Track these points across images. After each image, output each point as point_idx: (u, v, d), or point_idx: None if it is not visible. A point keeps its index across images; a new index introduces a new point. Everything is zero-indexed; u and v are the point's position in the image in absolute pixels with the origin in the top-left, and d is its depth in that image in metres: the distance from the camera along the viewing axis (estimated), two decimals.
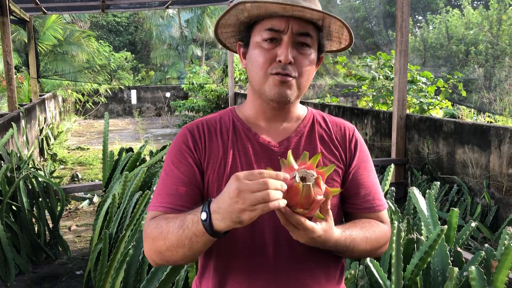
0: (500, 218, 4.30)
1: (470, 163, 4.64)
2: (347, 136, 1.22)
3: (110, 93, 15.98)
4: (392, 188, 2.85)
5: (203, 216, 0.92)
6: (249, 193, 0.84)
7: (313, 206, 0.92)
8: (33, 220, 3.84)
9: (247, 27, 1.15)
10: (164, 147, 4.36)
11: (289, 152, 0.96)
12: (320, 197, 0.92)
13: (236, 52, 1.25)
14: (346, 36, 1.15)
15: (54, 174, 6.89)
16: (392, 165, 2.89)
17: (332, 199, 1.15)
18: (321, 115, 1.26)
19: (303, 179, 0.91)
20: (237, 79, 12.79)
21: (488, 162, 4.45)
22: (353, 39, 1.14)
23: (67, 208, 5.42)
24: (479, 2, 23.92)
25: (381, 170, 5.71)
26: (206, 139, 1.16)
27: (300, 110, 1.23)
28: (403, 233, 2.09)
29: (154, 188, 2.85)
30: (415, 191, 2.41)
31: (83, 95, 14.88)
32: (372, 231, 1.15)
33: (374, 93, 7.50)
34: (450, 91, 7.13)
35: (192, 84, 13.16)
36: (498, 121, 7.53)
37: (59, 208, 3.94)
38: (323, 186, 0.93)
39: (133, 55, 22.90)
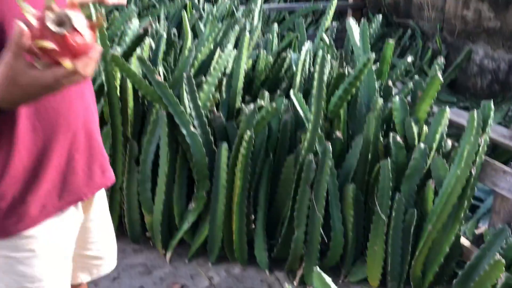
0: (450, 62, 4.24)
1: (427, 5, 4.43)
2: None
3: None
4: (334, 23, 2.68)
5: None
6: None
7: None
8: None
9: None
10: None
11: None
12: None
13: None
14: None
15: None
16: (349, 10, 2.67)
17: None
18: None
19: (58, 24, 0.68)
20: None
21: (444, 4, 4.24)
22: None
23: None
24: None
25: (338, 16, 5.44)
26: None
27: None
28: (329, 63, 1.95)
29: None
30: (351, 23, 2.22)
31: None
32: None
33: None
34: None
35: None
36: None
37: None
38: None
39: None
